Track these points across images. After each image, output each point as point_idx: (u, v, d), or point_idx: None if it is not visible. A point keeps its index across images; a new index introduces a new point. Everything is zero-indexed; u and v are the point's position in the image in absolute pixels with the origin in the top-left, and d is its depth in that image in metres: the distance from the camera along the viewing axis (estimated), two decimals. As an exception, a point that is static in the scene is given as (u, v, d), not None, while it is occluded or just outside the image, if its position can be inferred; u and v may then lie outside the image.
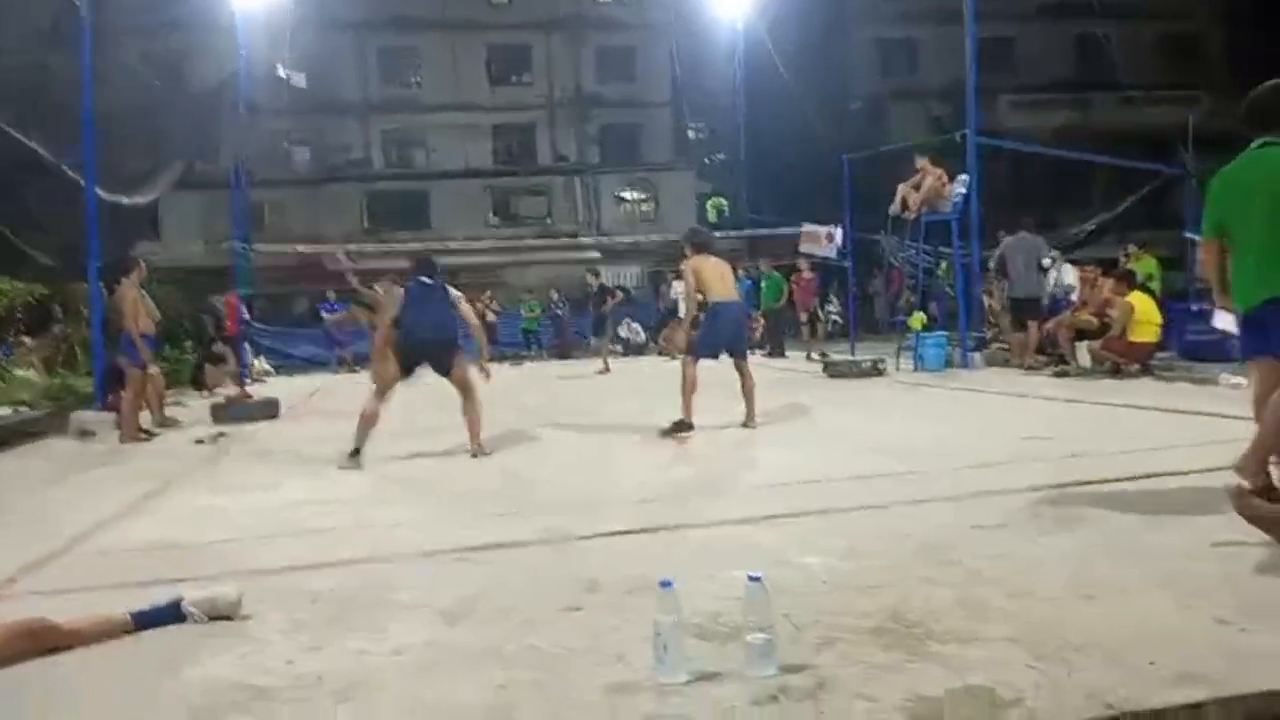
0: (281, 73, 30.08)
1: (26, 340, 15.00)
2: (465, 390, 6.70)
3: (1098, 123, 29.38)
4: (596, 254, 28.25)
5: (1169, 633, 2.57)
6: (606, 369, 15.26)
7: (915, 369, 11.68)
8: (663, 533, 4.05)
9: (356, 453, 6.34)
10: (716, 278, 7.26)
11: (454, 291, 6.88)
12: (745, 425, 7.10)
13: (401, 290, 7.03)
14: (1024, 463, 5.23)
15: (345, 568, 3.72)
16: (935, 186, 11.92)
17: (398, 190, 31.81)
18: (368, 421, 6.47)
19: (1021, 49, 32.64)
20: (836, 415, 7.65)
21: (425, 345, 6.64)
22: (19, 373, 13.32)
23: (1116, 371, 9.51)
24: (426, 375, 6.84)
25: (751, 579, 2.42)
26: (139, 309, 8.93)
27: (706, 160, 32.21)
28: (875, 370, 11.33)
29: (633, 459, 6.26)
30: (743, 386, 7.25)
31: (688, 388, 7.07)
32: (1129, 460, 5.05)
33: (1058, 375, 9.95)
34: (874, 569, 3.32)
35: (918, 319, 12.14)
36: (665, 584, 2.39)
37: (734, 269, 8.02)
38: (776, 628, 2.52)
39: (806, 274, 15.81)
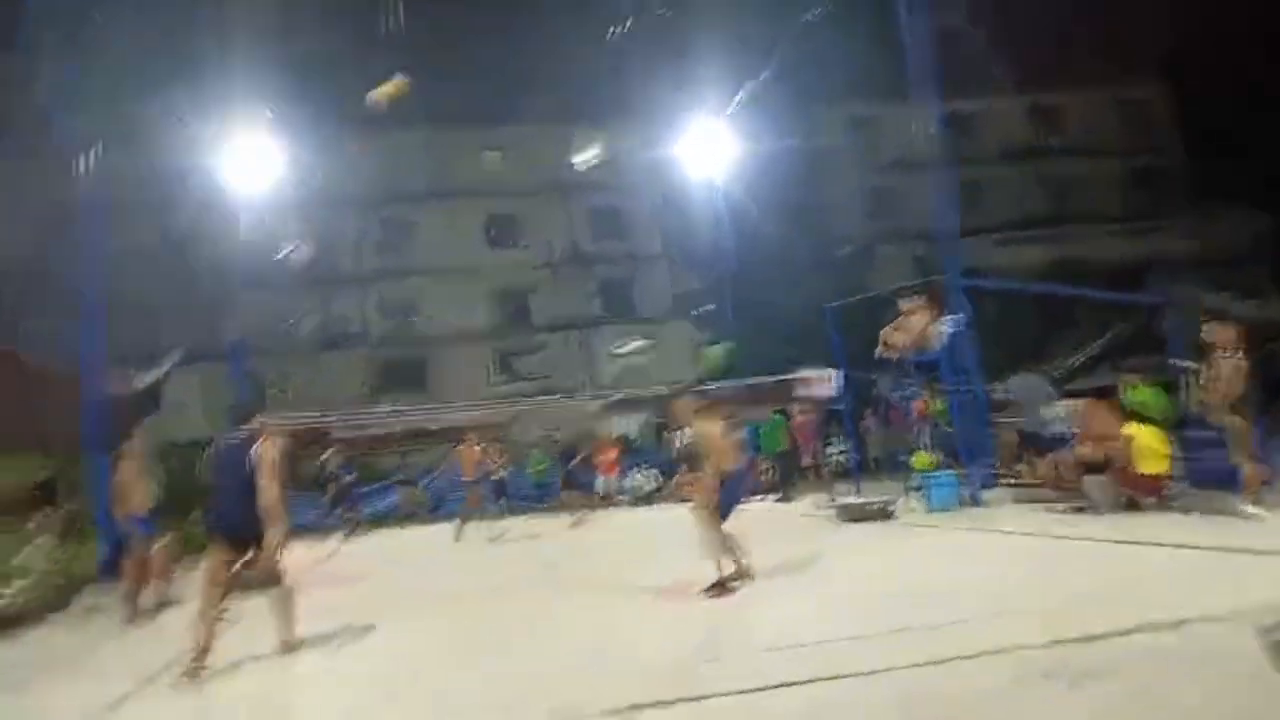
0: (284, 250, 31.27)
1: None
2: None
3: (1073, 255, 30.30)
4: (596, 406, 28.42)
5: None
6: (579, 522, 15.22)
7: (928, 509, 11.52)
8: (679, 706, 3.89)
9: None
10: (730, 446, 7.29)
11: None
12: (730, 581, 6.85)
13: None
14: (1047, 615, 5.07)
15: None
16: (922, 326, 12.12)
17: (398, 356, 32.31)
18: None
19: (994, 190, 34.03)
20: (850, 563, 7.49)
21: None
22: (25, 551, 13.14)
23: (1133, 505, 9.37)
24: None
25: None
26: (133, 489, 8.95)
27: (694, 313, 33.00)
28: (884, 513, 11.18)
29: (639, 622, 6.08)
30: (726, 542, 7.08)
31: (719, 545, 6.94)
32: (1157, 606, 4.91)
33: (1072, 511, 9.80)
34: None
35: (921, 458, 12.07)
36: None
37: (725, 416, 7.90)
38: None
39: (801, 419, 15.86)
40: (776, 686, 4.04)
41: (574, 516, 15.59)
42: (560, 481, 20.14)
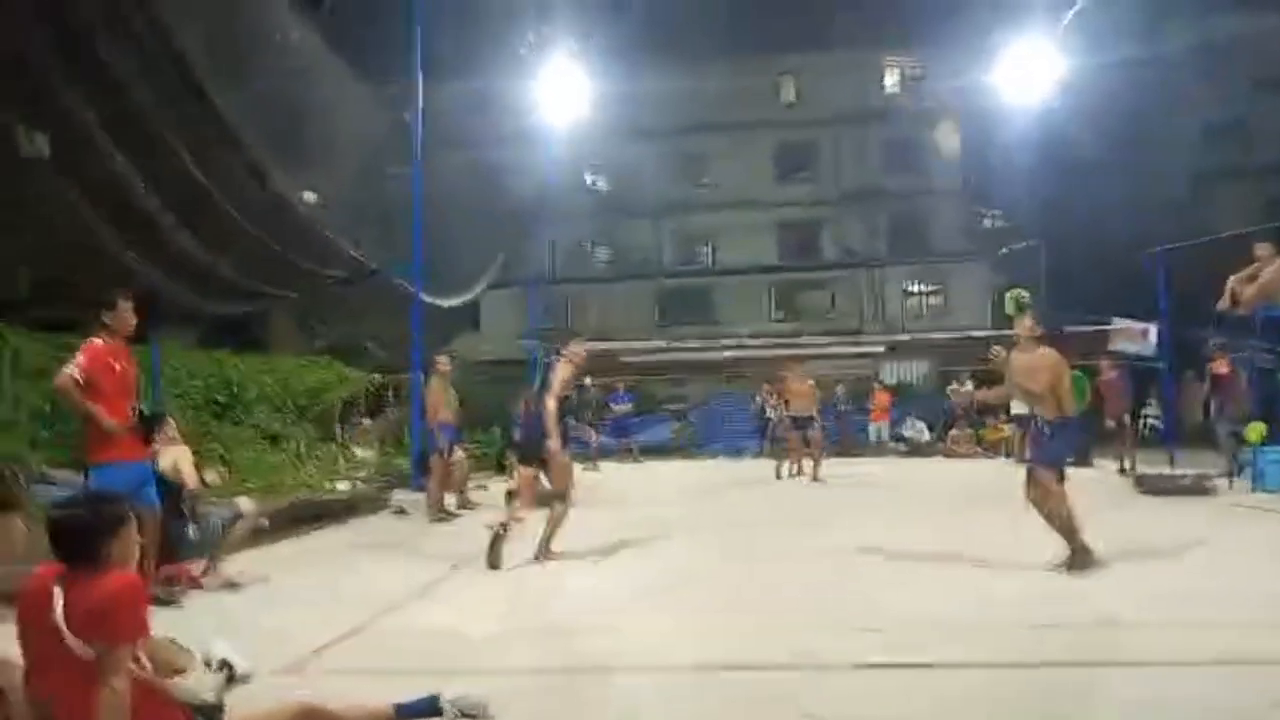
0: (588, 178, 32.95)
1: (365, 423, 17.16)
2: None
3: None
4: (881, 349, 27.54)
5: None
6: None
7: (1253, 489, 10.05)
8: (906, 671, 3.73)
9: None
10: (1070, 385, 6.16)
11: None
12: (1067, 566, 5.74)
13: None
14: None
15: (594, 673, 3.79)
16: (1276, 277, 10.39)
17: (686, 286, 33.18)
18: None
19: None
20: (1145, 542, 6.71)
21: None
22: (358, 451, 15.23)
23: None
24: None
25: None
26: (439, 401, 9.94)
27: (1003, 250, 30.44)
28: (1200, 488, 9.88)
29: (895, 578, 5.87)
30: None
31: (1062, 510, 5.84)
32: None
33: None
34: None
35: (1255, 430, 10.46)
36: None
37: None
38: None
39: (1110, 374, 14.05)
40: (1031, 665, 3.76)
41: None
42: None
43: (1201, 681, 3.54)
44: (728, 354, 26.25)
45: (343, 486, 11.97)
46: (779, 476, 14.10)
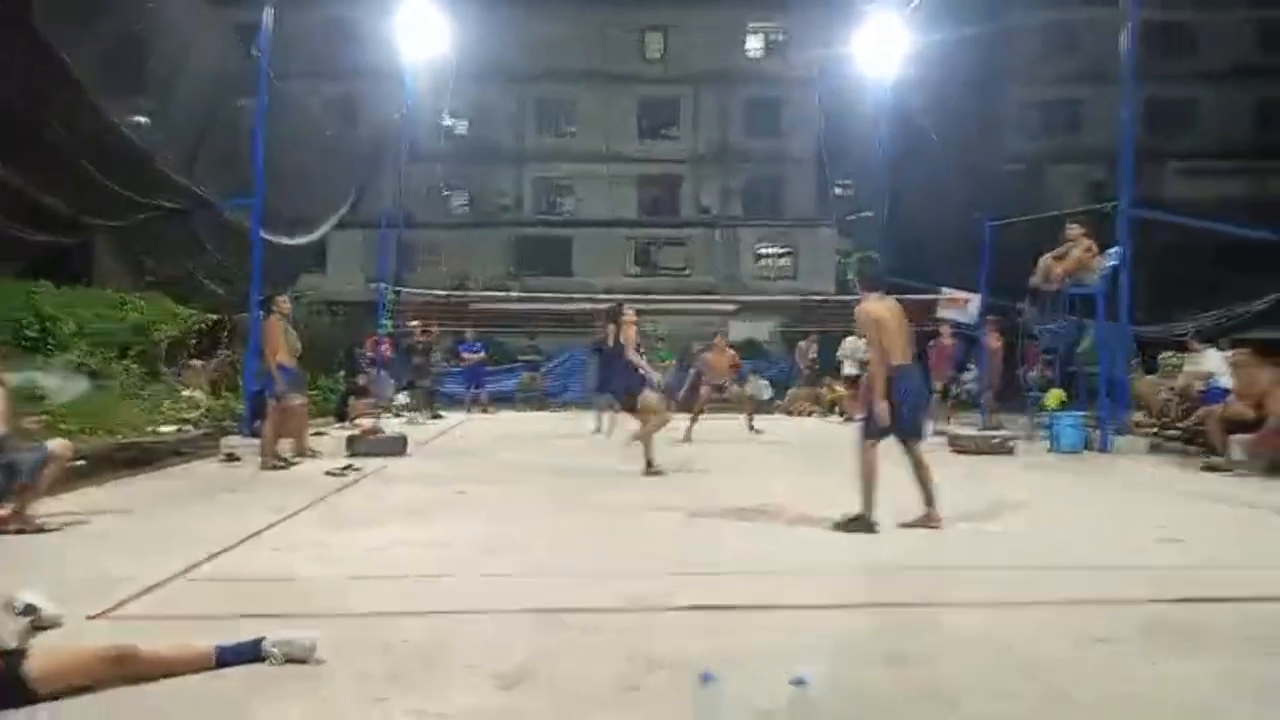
0: (446, 120, 31.94)
1: (195, 363, 16.27)
2: None
3: (1276, 193, 27.30)
4: (732, 307, 28.29)
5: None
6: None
7: (1049, 450, 11.07)
8: (743, 612, 3.96)
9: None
10: (898, 332, 6.03)
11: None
12: (928, 522, 5.92)
13: None
14: (1147, 569, 4.85)
15: (426, 619, 3.83)
16: (1082, 257, 11.36)
17: (543, 236, 32.93)
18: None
19: (1196, 112, 30.88)
20: (952, 496, 7.31)
21: None
22: (185, 393, 14.45)
23: (1275, 468, 8.71)
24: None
25: (796, 682, 2.35)
26: (279, 342, 9.55)
27: (850, 217, 31.76)
28: (1004, 448, 10.79)
29: (737, 527, 6.16)
30: (917, 473, 6.07)
31: (868, 475, 5.88)
32: (1273, 576, 4.61)
33: (1206, 469, 9.19)
34: (957, 676, 3.14)
35: (1054, 396, 11.50)
36: (707, 677, 2.36)
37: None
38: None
39: (947, 340, 15.02)
40: (853, 606, 4.07)
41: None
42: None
43: (1022, 619, 3.91)
44: (583, 306, 26.31)
45: (169, 429, 11.39)
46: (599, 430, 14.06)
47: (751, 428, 14.07)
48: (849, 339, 17.47)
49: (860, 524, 5.78)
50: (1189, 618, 3.89)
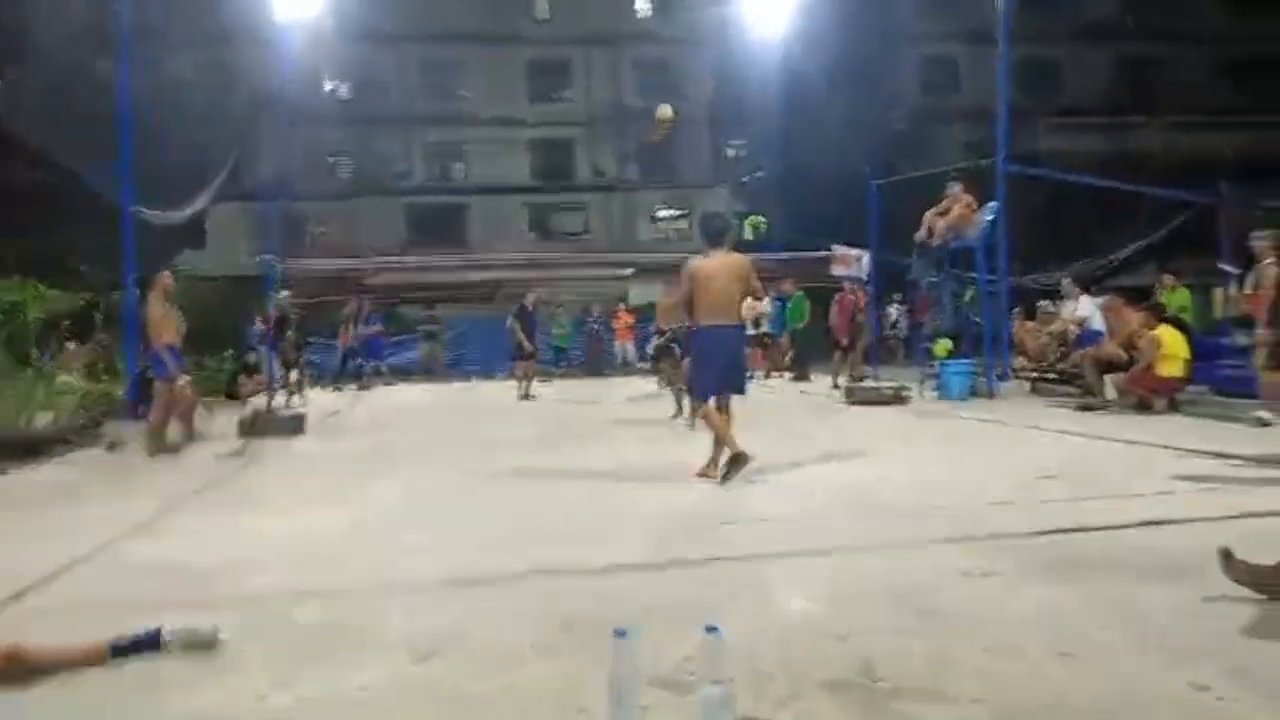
0: (327, 84, 30.73)
1: (70, 347, 15.38)
2: None
3: (1140, 148, 28.84)
4: (629, 270, 28.34)
5: (1143, 698, 2.53)
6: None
7: (939, 397, 11.56)
8: (648, 571, 4.04)
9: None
10: (719, 291, 6.05)
11: None
12: (707, 471, 6.06)
13: None
14: (1028, 505, 5.15)
15: (333, 596, 3.77)
16: (962, 213, 11.80)
17: (437, 204, 32.23)
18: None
19: (1065, 71, 32.26)
20: (848, 445, 7.58)
21: None
22: (61, 379, 13.66)
23: (1143, 406, 9.32)
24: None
25: (708, 630, 2.42)
26: (164, 322, 9.11)
27: (744, 180, 32.13)
28: (898, 398, 11.21)
29: (634, 493, 6.24)
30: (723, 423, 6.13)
31: (717, 428, 6.05)
32: (1136, 504, 4.95)
33: (1082, 409, 9.77)
34: (850, 616, 3.30)
35: (942, 346, 11.99)
36: (620, 633, 2.39)
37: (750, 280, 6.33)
38: (738, 679, 2.53)
39: (847, 297, 15.28)
40: (753, 557, 4.18)
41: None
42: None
43: (882, 560, 4.11)
44: (481, 275, 25.94)
45: (44, 417, 10.77)
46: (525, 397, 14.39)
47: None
48: (751, 300, 17.74)
49: (738, 462, 5.91)
50: (1061, 548, 4.16)
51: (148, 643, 2.99)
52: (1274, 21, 28.83)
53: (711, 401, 6.19)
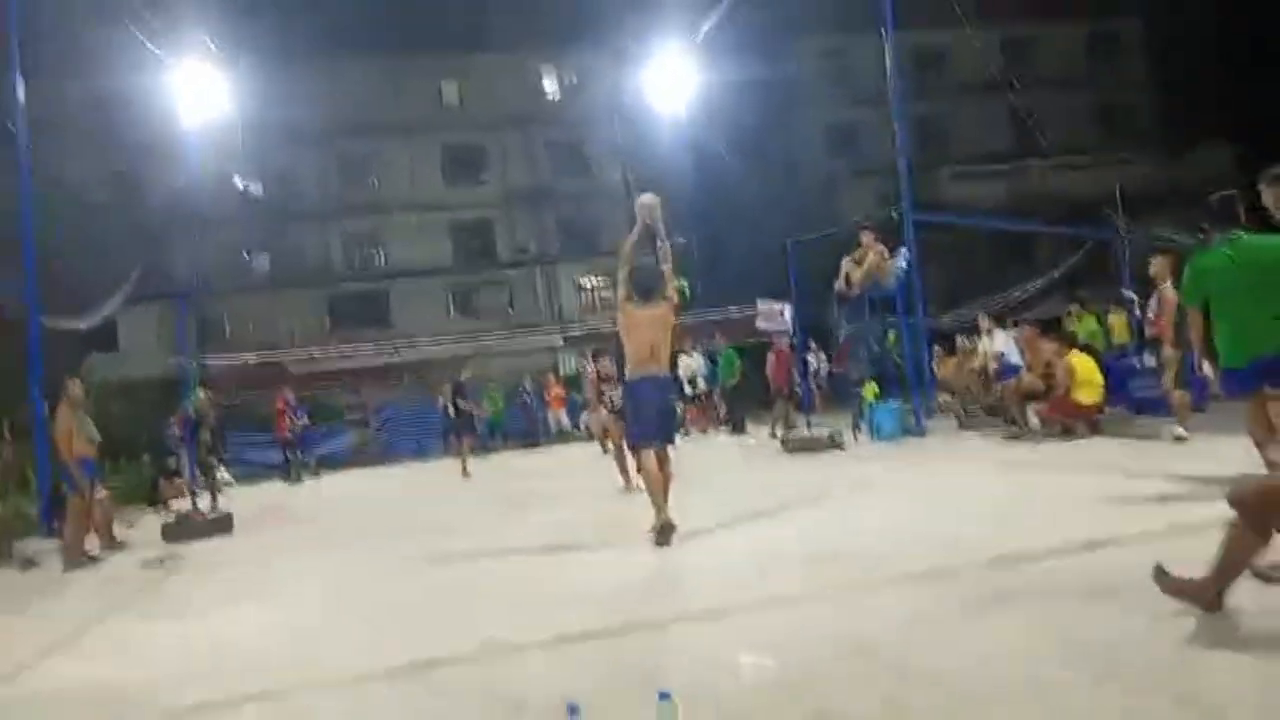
0: (238, 184, 30.47)
1: (-25, 466, 14.64)
2: None
3: (1035, 188, 30.34)
4: (559, 341, 28.42)
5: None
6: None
7: (872, 439, 11.73)
8: (597, 640, 3.96)
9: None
10: (641, 344, 6.19)
11: None
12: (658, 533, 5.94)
13: None
14: (968, 540, 5.19)
15: (268, 701, 3.59)
16: (876, 261, 12.16)
17: (359, 291, 31.97)
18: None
19: (958, 124, 33.85)
20: (786, 494, 7.59)
21: None
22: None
23: (1067, 433, 9.59)
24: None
25: (661, 696, 2.37)
26: (73, 433, 8.77)
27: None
28: (833, 443, 11.34)
29: (578, 559, 6.15)
30: (659, 476, 6.14)
31: (650, 481, 6.05)
32: (1071, 530, 5.03)
33: (1009, 439, 10.02)
34: (804, 667, 3.26)
35: (870, 390, 12.23)
36: (572, 709, 2.34)
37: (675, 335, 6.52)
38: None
39: (783, 348, 15.44)
40: (698, 617, 4.13)
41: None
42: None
43: (832, 609, 4.09)
44: (407, 357, 25.70)
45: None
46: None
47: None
48: (683, 358, 17.95)
49: (666, 530, 5.90)
50: (1003, 580, 4.20)
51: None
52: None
53: (650, 457, 6.17)
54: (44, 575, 8.23)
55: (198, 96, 18.72)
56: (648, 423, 6.24)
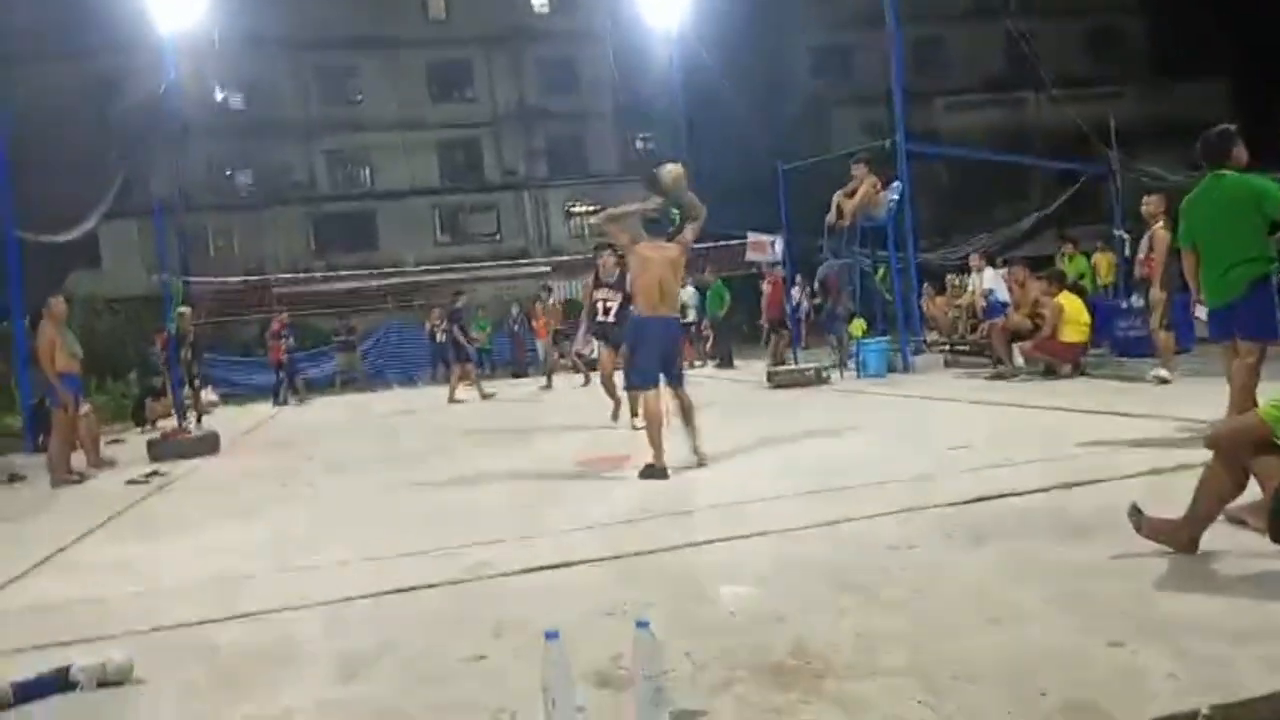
0: (219, 93, 29.71)
1: (-44, 381, 14.56)
2: None
3: (1030, 120, 29.93)
4: (547, 268, 28.20)
5: (1065, 658, 2.58)
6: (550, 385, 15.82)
7: (858, 376, 11.79)
8: (580, 567, 4.01)
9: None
10: (651, 284, 6.18)
11: None
12: (699, 462, 6.18)
13: None
14: (947, 476, 5.27)
15: (253, 620, 3.64)
16: (869, 193, 12.04)
17: (344, 211, 31.49)
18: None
19: (952, 50, 33.18)
20: (770, 428, 7.66)
21: None
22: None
23: (1050, 372, 9.66)
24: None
25: (639, 624, 2.40)
26: (55, 349, 8.70)
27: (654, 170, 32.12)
28: (819, 378, 11.40)
29: (565, 489, 6.20)
30: (682, 414, 6.32)
31: (651, 423, 6.03)
32: (1050, 469, 5.11)
33: (994, 378, 10.08)
34: (782, 597, 3.32)
35: (857, 326, 12.24)
36: (551, 635, 2.35)
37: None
38: (673, 670, 2.52)
39: (774, 282, 15.31)
40: (680, 547, 4.19)
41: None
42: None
43: (812, 540, 4.15)
44: (394, 280, 25.49)
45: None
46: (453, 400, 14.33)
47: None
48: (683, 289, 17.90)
49: (654, 471, 5.92)
50: (980, 515, 4.27)
51: (55, 682, 2.83)
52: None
53: (653, 399, 6.13)
54: (30, 490, 8.26)
55: (175, 3, 18.20)
56: (649, 364, 6.18)
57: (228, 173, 31.28)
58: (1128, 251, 14.34)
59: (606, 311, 8.91)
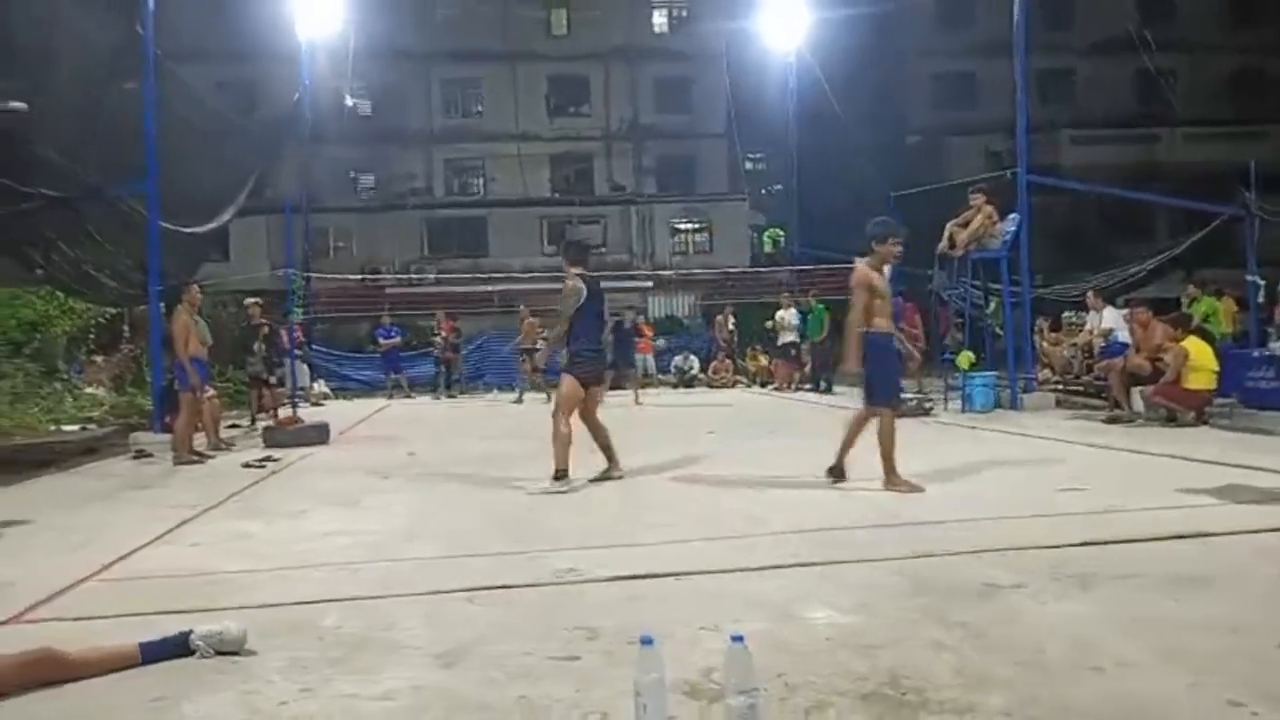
0: (348, 100, 31.01)
1: (97, 359, 15.57)
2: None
3: (1160, 158, 28.61)
4: (649, 283, 28.38)
5: (1173, 712, 2.48)
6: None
7: (963, 409, 11.46)
8: (671, 580, 4.03)
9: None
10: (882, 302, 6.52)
11: None
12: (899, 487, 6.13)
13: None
14: (1054, 517, 5.09)
15: (357, 604, 3.78)
16: (984, 224, 11.74)
17: (457, 217, 32.42)
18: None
19: (1082, 82, 32.06)
20: (870, 457, 7.51)
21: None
22: (88, 390, 13.83)
23: (1172, 419, 9.21)
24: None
25: (734, 639, 2.40)
26: (189, 334, 9.22)
27: (763, 191, 32.08)
28: (921, 410, 11.13)
29: (659, 499, 6.23)
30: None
31: (889, 442, 6.28)
32: (1164, 518, 4.89)
33: (1109, 421, 9.67)
34: (879, 627, 3.27)
35: (965, 358, 11.90)
36: (646, 641, 2.38)
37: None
38: (764, 689, 2.51)
39: (908, 304, 14.93)
40: (775, 567, 4.16)
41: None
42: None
43: (910, 573, 4.06)
44: (500, 287, 26.02)
45: (71, 428, 10.93)
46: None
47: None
48: (781, 311, 17.82)
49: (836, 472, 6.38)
50: (1087, 561, 4.10)
51: (177, 646, 3.01)
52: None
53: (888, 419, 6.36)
54: (156, 467, 8.76)
55: (312, 12, 19.15)
56: (896, 378, 6.63)
57: (351, 175, 32.58)
58: (1260, 297, 13.59)
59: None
